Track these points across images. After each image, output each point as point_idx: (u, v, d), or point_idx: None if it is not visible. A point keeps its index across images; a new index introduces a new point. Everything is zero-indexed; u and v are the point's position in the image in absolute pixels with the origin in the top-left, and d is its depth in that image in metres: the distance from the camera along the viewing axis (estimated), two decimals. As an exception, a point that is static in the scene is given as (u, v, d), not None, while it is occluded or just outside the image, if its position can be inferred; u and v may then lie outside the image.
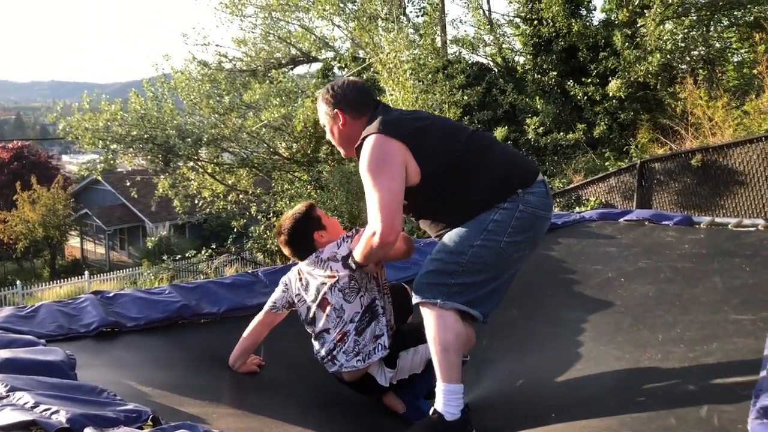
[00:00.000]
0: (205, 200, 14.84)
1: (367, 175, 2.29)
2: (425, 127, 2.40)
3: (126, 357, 2.75)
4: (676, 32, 13.17)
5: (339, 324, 2.61)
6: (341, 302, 2.61)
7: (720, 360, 2.52)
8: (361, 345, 2.61)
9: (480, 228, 2.30)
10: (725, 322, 2.95)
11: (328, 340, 2.63)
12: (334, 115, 2.48)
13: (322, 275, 2.64)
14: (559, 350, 3.09)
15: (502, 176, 2.36)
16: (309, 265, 2.70)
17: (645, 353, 2.77)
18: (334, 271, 2.61)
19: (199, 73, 16.22)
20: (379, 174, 2.28)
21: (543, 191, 2.39)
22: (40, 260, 28.31)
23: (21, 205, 26.01)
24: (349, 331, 2.61)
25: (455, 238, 2.33)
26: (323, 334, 2.65)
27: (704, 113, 11.14)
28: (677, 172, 10.29)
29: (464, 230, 2.33)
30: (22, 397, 1.83)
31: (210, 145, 13.67)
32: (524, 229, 2.33)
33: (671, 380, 2.43)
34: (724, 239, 4.46)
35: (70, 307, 3.07)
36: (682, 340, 2.82)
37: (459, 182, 2.35)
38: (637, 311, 3.36)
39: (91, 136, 13.05)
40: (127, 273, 20.60)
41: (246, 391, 2.69)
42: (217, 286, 3.52)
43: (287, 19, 17.54)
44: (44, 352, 2.31)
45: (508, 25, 17.50)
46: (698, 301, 3.33)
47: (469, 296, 2.29)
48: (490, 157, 2.39)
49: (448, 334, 2.26)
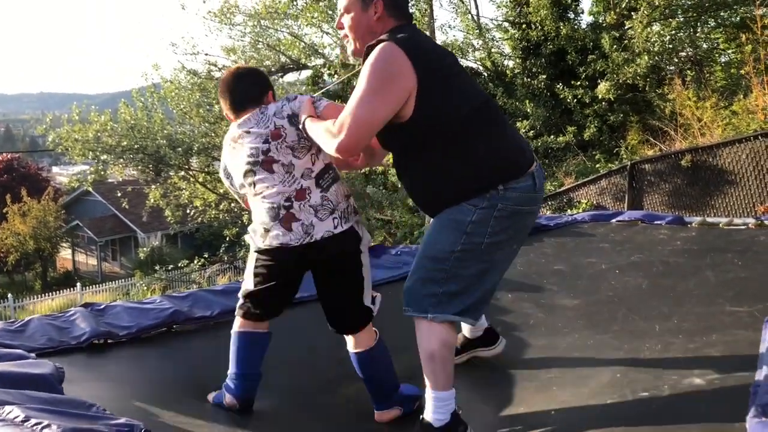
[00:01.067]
0: (197, 209, 14.80)
1: (365, 82, 2.08)
2: (454, 74, 2.21)
3: (117, 370, 2.73)
4: (663, 34, 13.26)
5: (290, 181, 2.35)
6: (290, 158, 2.35)
7: (721, 351, 2.53)
8: (333, 202, 2.36)
9: (458, 231, 2.17)
10: (721, 314, 2.97)
11: (278, 201, 2.34)
12: (371, 0, 2.25)
13: (264, 132, 2.38)
14: (555, 339, 3.07)
15: (490, 165, 2.17)
16: (246, 123, 2.43)
17: (643, 343, 2.77)
18: (279, 128, 2.37)
19: (189, 82, 16.18)
20: (377, 91, 2.08)
21: (529, 185, 2.21)
22: (31, 273, 28.14)
23: (11, 218, 25.87)
24: (309, 187, 2.35)
25: (433, 243, 2.24)
26: (270, 196, 2.36)
27: (693, 114, 11.20)
28: (667, 172, 10.33)
29: (442, 234, 2.21)
30: (12, 411, 1.81)
31: (201, 154, 13.65)
32: (505, 227, 2.18)
33: (671, 371, 2.43)
34: (716, 237, 4.49)
35: (60, 320, 3.05)
36: (680, 331, 2.83)
37: (447, 147, 2.16)
38: (630, 302, 3.37)
39: (81, 147, 13.01)
40: (119, 284, 20.51)
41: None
42: (208, 294, 3.50)
43: (276, 26, 17.54)
44: (33, 365, 2.28)
45: (497, 30, 17.59)
46: (692, 293, 3.36)
47: (460, 305, 2.20)
48: (488, 137, 2.18)
49: (433, 343, 2.19)
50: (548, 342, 3.05)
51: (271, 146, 2.35)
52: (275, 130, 2.37)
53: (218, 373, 2.78)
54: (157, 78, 15.23)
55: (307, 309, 3.07)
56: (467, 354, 2.90)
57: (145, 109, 13.86)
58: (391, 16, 2.26)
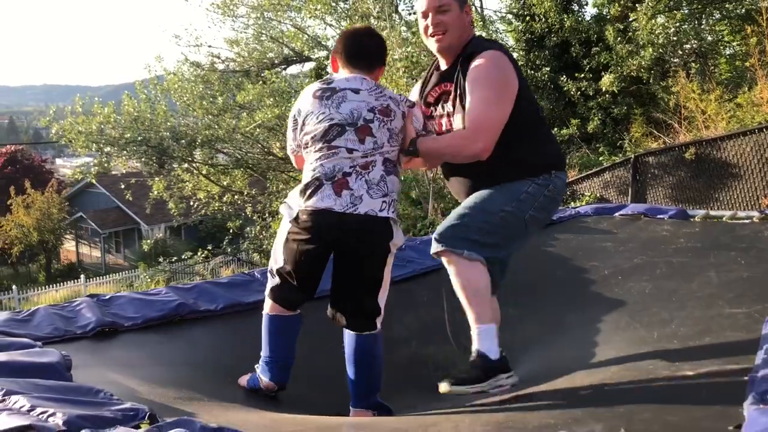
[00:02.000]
0: (201, 202, 14.82)
1: (489, 87, 2.33)
2: (526, 84, 2.50)
3: (123, 356, 2.76)
4: (668, 26, 13.19)
5: (368, 154, 2.35)
6: (383, 140, 2.38)
7: (713, 353, 2.53)
8: (388, 187, 2.38)
9: (513, 196, 2.39)
10: (719, 316, 2.96)
11: (345, 162, 2.32)
12: (465, 3, 2.49)
13: (374, 104, 2.38)
14: (557, 351, 3.09)
15: (548, 151, 2.53)
16: (357, 82, 2.41)
17: (641, 350, 2.77)
18: (391, 110, 2.40)
19: (192, 75, 16.19)
20: (503, 94, 2.34)
21: (565, 180, 2.56)
22: (35, 264, 28.24)
23: (15, 210, 25.93)
24: (376, 161, 2.36)
25: (488, 198, 2.40)
26: (339, 159, 2.33)
27: (697, 106, 11.16)
28: (671, 165, 10.31)
29: (497, 194, 2.40)
30: (18, 401, 1.83)
31: (204, 146, 13.66)
32: (546, 208, 2.48)
33: (666, 371, 2.44)
34: (720, 232, 4.47)
35: (67, 310, 3.07)
36: (676, 336, 2.83)
37: (524, 136, 2.43)
38: (634, 309, 3.36)
39: (85, 139, 13.03)
40: (123, 276, 20.59)
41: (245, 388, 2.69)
42: (213, 286, 3.52)
43: (279, 18, 17.51)
44: (40, 353, 2.30)
45: (500, 22, 17.51)
46: (694, 296, 3.34)
47: (487, 255, 2.35)
48: (543, 127, 2.56)
49: (477, 275, 2.32)
50: (550, 352, 3.06)
51: (375, 119, 2.36)
52: (385, 108, 2.40)
53: (224, 358, 2.80)
54: (161, 70, 15.24)
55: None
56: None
57: (148, 101, 13.86)
58: (472, 22, 2.55)
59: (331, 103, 2.35)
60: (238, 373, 2.75)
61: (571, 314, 3.47)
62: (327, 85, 2.40)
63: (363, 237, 2.35)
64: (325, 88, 2.40)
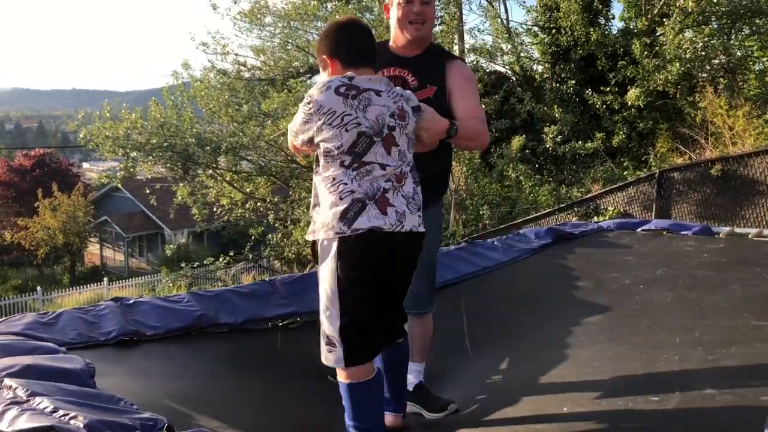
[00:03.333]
0: (224, 208, 14.92)
1: (475, 90, 2.79)
2: None
3: (144, 366, 2.79)
4: (695, 41, 13.07)
5: (397, 165, 2.17)
6: (405, 148, 2.21)
7: (739, 364, 2.50)
8: (419, 200, 2.23)
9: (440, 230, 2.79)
10: (745, 327, 2.93)
11: (381, 179, 2.12)
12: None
13: (393, 107, 2.19)
14: (574, 350, 3.07)
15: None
16: (376, 83, 2.19)
17: (662, 354, 2.75)
18: (405, 111, 2.21)
19: (218, 82, 16.32)
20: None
21: None
22: (60, 267, 28.60)
23: (42, 212, 26.31)
24: (406, 173, 2.19)
25: (437, 243, 2.76)
26: (374, 167, 2.12)
27: (724, 122, 11.04)
28: (697, 181, 10.19)
29: (437, 235, 2.72)
30: (41, 402, 1.86)
31: (228, 153, 13.75)
32: None
33: (688, 382, 2.41)
34: (744, 249, 4.43)
35: (91, 314, 3.11)
36: (700, 343, 2.80)
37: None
38: (654, 315, 3.34)
39: (112, 144, 13.18)
40: (145, 280, 20.78)
41: (262, 402, 2.71)
42: (234, 296, 3.54)
43: (306, 28, 17.63)
44: (65, 360, 2.34)
45: (527, 34, 17.49)
46: (717, 307, 3.31)
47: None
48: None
49: (431, 328, 2.84)
50: (568, 353, 3.04)
51: (396, 125, 2.18)
52: (402, 111, 2.20)
53: (244, 370, 2.82)
54: (187, 77, 15.40)
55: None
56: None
57: (174, 107, 14.00)
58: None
59: (357, 105, 2.11)
60: (256, 388, 2.77)
61: (589, 319, 3.45)
62: (349, 82, 2.14)
63: (410, 253, 2.22)
64: (349, 85, 2.13)
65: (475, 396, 2.81)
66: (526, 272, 4.47)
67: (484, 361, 3.18)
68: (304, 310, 3.52)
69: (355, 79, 2.16)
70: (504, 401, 2.71)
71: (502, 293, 4.08)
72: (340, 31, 2.27)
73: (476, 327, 3.48)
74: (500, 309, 3.80)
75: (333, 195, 2.10)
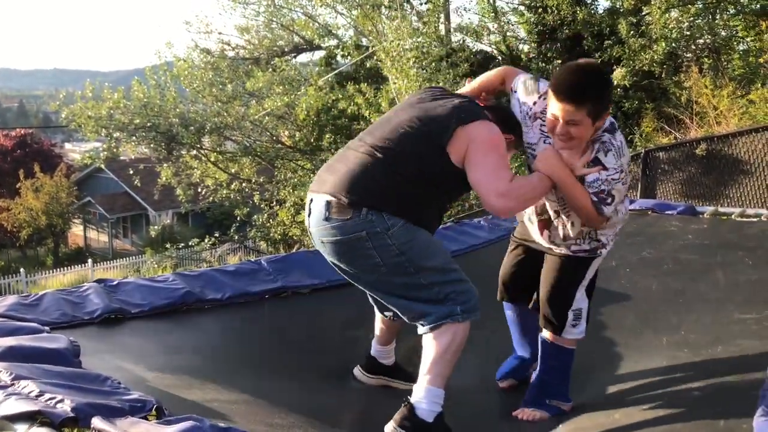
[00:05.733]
0: (208, 189, 14.82)
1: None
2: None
3: (130, 343, 2.76)
4: (681, 20, 13.06)
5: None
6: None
7: (725, 363, 2.51)
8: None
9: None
10: (729, 322, 2.94)
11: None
12: None
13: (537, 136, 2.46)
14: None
15: None
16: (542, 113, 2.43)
17: (649, 356, 2.76)
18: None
19: (202, 61, 16.14)
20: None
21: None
22: (43, 248, 28.36)
23: (24, 193, 26.03)
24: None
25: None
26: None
27: (709, 102, 11.07)
28: (682, 161, 10.24)
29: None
30: (27, 386, 1.83)
31: (213, 133, 13.63)
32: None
33: (676, 383, 2.43)
34: (727, 230, 4.45)
35: (74, 295, 3.08)
36: (687, 344, 2.81)
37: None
38: (641, 308, 3.35)
39: (94, 124, 13.01)
40: (130, 261, 20.66)
41: (250, 377, 2.70)
42: (220, 274, 3.52)
43: (290, 6, 17.44)
44: (48, 339, 2.31)
45: (513, 13, 17.39)
46: (702, 298, 3.32)
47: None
48: None
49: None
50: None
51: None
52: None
53: (230, 347, 2.80)
54: (171, 56, 15.19)
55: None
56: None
57: (158, 87, 13.81)
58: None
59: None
60: (244, 363, 2.76)
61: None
62: (540, 113, 2.45)
63: None
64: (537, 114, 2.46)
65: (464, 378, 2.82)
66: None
67: (469, 342, 3.18)
68: (291, 285, 3.51)
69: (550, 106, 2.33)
70: (482, 402, 2.72)
71: (488, 272, 4.07)
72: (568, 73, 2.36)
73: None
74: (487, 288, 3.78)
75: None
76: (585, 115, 2.22)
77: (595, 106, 2.23)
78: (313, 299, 3.40)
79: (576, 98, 2.20)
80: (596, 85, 2.28)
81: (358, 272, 2.33)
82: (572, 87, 2.23)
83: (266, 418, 2.20)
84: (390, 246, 2.22)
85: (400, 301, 2.32)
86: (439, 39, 14.19)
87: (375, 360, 2.77)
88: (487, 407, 2.67)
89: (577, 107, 2.20)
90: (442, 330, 2.24)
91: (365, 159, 2.29)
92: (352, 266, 2.31)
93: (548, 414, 2.47)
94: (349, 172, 2.27)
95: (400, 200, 2.26)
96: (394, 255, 2.23)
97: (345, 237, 2.23)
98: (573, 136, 2.26)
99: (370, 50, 13.42)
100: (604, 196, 2.28)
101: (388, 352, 2.77)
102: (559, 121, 2.25)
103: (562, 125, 2.25)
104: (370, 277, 2.32)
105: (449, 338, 2.23)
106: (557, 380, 2.52)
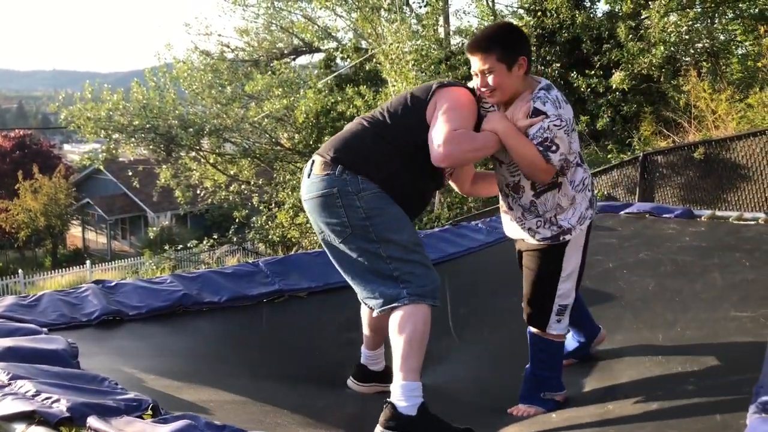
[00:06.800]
0: (207, 190, 14.84)
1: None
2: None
3: (128, 345, 2.77)
4: (680, 24, 13.08)
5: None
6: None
7: (720, 359, 2.52)
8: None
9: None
10: (725, 320, 2.95)
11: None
12: None
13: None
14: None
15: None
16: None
17: (645, 352, 2.77)
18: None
19: (202, 63, 16.17)
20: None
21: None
22: (41, 249, 28.33)
23: (23, 194, 26.01)
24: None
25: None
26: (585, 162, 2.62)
27: (707, 106, 11.09)
28: (680, 165, 10.26)
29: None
30: (23, 386, 1.84)
31: (212, 135, 13.66)
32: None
33: (671, 379, 2.44)
34: (725, 233, 4.46)
35: (72, 296, 3.08)
36: (683, 339, 2.82)
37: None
38: (637, 306, 3.36)
39: (93, 125, 13.03)
40: (128, 262, 20.64)
41: (247, 379, 2.70)
42: (218, 276, 3.53)
43: (290, 9, 17.48)
44: (46, 340, 2.31)
45: (512, 16, 17.42)
46: (698, 297, 3.33)
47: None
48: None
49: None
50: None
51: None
52: None
53: (227, 349, 2.80)
54: (170, 58, 15.21)
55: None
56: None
57: (157, 88, 13.84)
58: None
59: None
60: (241, 365, 2.76)
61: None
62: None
63: None
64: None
65: (460, 378, 2.82)
66: (510, 254, 4.47)
67: (466, 343, 3.19)
68: (289, 288, 3.51)
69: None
70: (478, 400, 2.72)
71: (486, 274, 4.08)
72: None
73: (461, 308, 3.47)
74: (484, 290, 3.80)
75: (585, 191, 2.54)
76: (496, 61, 2.36)
77: (505, 51, 2.37)
78: (310, 302, 3.40)
79: (482, 47, 2.39)
80: (500, 33, 2.47)
81: (330, 236, 2.37)
82: (477, 39, 2.47)
83: (262, 419, 2.21)
84: (357, 208, 2.30)
85: (357, 274, 2.36)
86: (439, 42, 14.20)
87: (365, 368, 2.79)
88: (483, 406, 2.67)
89: (484, 54, 2.37)
90: (399, 322, 2.24)
91: (358, 126, 2.47)
92: (325, 225, 2.36)
93: (543, 409, 2.49)
94: (341, 135, 2.47)
95: (380, 167, 2.36)
96: (360, 218, 2.29)
97: (318, 192, 2.35)
98: (494, 86, 2.38)
99: (370, 53, 13.44)
100: (549, 143, 2.35)
101: (378, 357, 2.79)
102: (479, 76, 2.42)
103: (481, 78, 2.40)
104: (339, 243, 2.36)
105: (411, 329, 2.22)
106: (549, 372, 2.56)
